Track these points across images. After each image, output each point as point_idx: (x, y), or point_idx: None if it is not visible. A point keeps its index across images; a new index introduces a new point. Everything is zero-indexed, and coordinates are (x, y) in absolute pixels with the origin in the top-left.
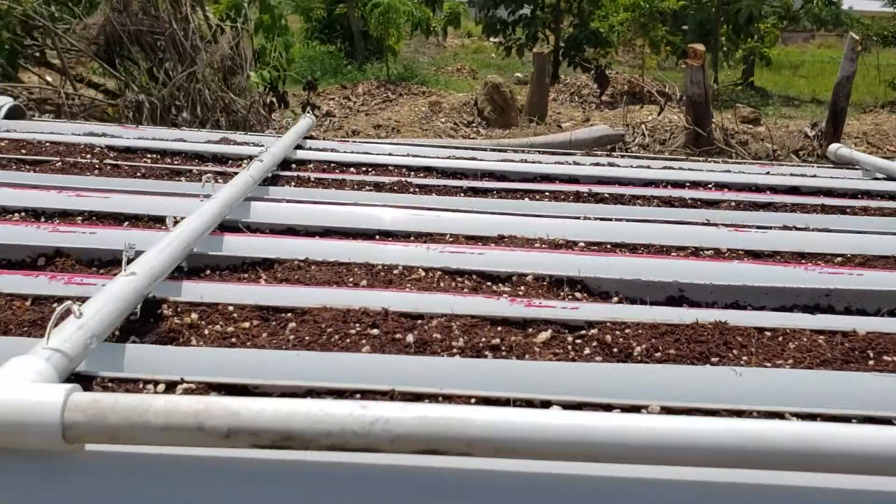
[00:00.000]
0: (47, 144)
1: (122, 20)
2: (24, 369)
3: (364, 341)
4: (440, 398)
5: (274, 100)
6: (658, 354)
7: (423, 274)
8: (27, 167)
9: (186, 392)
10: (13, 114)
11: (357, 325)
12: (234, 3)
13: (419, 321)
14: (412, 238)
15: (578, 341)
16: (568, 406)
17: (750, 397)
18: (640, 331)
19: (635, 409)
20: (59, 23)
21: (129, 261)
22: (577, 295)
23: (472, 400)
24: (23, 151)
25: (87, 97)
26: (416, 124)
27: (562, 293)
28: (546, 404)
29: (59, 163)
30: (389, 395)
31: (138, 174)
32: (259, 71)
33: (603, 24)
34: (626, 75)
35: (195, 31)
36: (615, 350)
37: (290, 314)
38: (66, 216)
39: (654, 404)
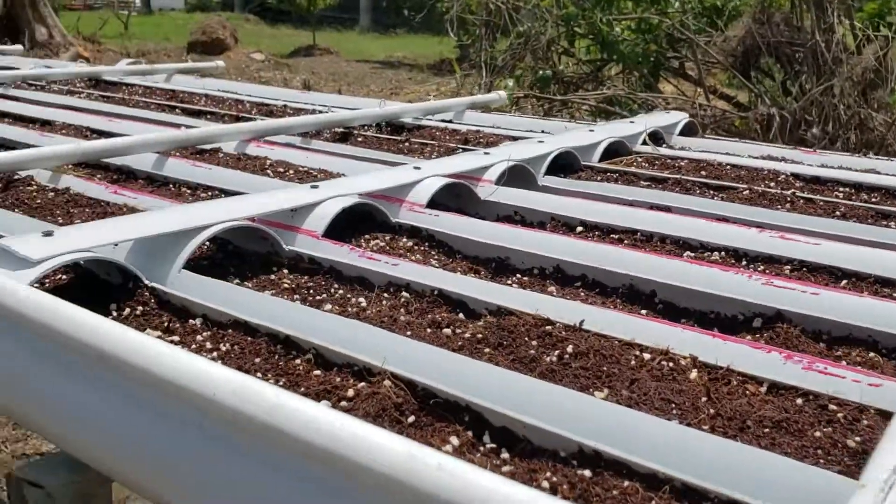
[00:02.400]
0: (728, 167)
1: (763, 32)
2: None
3: None
4: None
5: None
6: None
7: None
8: (710, 192)
9: None
10: (687, 130)
11: None
12: (880, 10)
13: None
14: None
15: None
16: None
17: None
18: None
19: None
20: (701, 35)
21: None
22: None
23: None
24: (703, 173)
25: (718, 109)
26: None
27: None
28: None
29: (746, 191)
30: None
31: (836, 213)
32: None
33: None
34: None
35: (839, 41)
36: None
37: None
38: (770, 262)
39: None
